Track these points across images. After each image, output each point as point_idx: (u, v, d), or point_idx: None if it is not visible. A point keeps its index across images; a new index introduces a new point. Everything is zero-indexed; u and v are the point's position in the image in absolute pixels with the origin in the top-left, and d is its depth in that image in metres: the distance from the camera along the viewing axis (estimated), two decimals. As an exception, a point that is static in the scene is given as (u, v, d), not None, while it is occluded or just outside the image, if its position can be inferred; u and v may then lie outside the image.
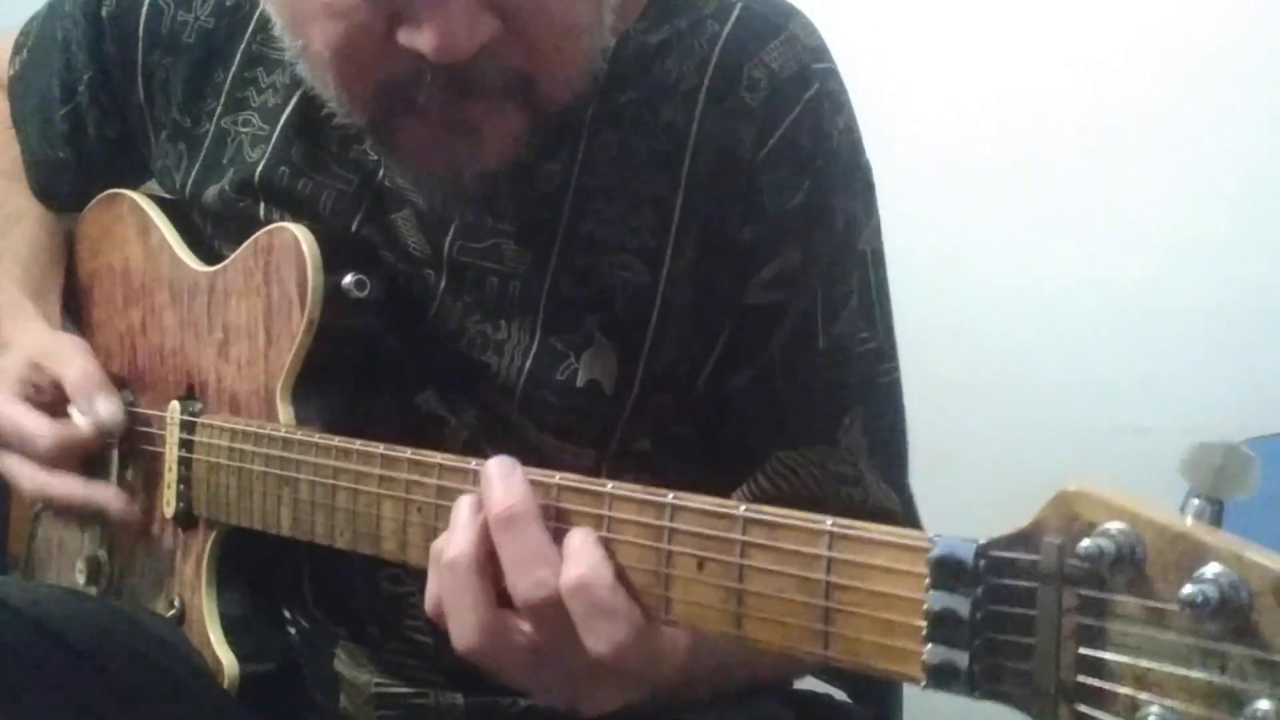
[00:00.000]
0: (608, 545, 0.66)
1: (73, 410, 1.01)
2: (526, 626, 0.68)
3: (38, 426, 0.99)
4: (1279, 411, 1.70)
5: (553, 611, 0.66)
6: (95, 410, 1.00)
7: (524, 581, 0.66)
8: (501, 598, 0.68)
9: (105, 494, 1.01)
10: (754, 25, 0.90)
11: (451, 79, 0.78)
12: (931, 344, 0.95)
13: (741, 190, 0.88)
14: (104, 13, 1.06)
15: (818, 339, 0.90)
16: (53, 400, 1.03)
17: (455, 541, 0.69)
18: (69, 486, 1.00)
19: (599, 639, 0.65)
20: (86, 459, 1.03)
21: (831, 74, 0.90)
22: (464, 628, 0.69)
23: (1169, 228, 1.87)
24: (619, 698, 0.70)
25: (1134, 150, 1.88)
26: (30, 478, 1.00)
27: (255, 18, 1.00)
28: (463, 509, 0.70)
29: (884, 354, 0.93)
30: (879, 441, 0.92)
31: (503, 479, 0.69)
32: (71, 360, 1.03)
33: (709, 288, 0.89)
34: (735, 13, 0.90)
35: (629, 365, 0.90)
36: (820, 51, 0.91)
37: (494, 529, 0.68)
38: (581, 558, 0.65)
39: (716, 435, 0.93)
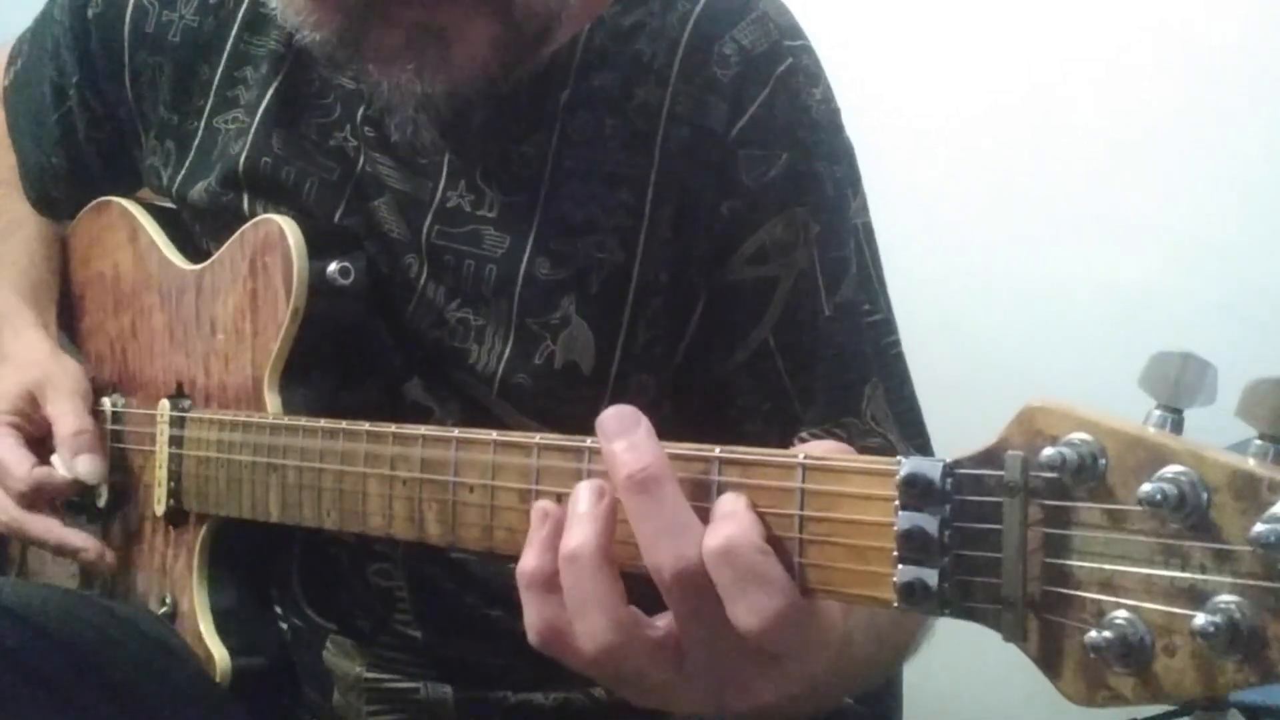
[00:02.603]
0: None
1: (56, 459, 1.03)
2: (661, 621, 0.61)
3: (19, 464, 1.01)
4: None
5: (695, 585, 0.58)
6: (76, 468, 1.02)
7: (666, 554, 0.58)
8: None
9: (80, 540, 1.03)
10: (725, 4, 0.90)
11: None
12: (931, 343, 0.94)
13: (717, 165, 0.88)
14: (90, 14, 1.07)
15: (822, 310, 0.89)
16: (40, 435, 1.04)
17: (577, 531, 0.61)
18: (45, 527, 1.02)
19: (749, 610, 0.57)
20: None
21: (805, 50, 0.91)
22: (594, 629, 0.60)
23: (1171, 228, 1.85)
24: (772, 690, 0.61)
25: (1136, 150, 1.87)
26: (4, 509, 1.02)
27: (240, 15, 1.00)
28: (582, 495, 0.62)
29: (890, 326, 0.92)
30: (903, 412, 0.90)
31: (626, 435, 0.61)
32: (66, 406, 1.04)
33: (687, 265, 0.89)
34: None
35: (607, 345, 0.90)
36: (792, 29, 0.91)
37: (627, 494, 0.59)
38: (732, 520, 0.58)
39: (717, 425, 0.90)
